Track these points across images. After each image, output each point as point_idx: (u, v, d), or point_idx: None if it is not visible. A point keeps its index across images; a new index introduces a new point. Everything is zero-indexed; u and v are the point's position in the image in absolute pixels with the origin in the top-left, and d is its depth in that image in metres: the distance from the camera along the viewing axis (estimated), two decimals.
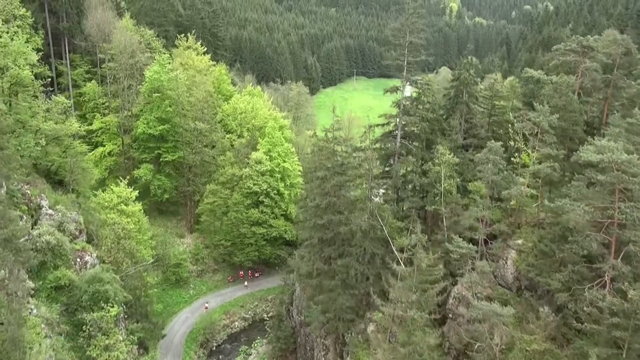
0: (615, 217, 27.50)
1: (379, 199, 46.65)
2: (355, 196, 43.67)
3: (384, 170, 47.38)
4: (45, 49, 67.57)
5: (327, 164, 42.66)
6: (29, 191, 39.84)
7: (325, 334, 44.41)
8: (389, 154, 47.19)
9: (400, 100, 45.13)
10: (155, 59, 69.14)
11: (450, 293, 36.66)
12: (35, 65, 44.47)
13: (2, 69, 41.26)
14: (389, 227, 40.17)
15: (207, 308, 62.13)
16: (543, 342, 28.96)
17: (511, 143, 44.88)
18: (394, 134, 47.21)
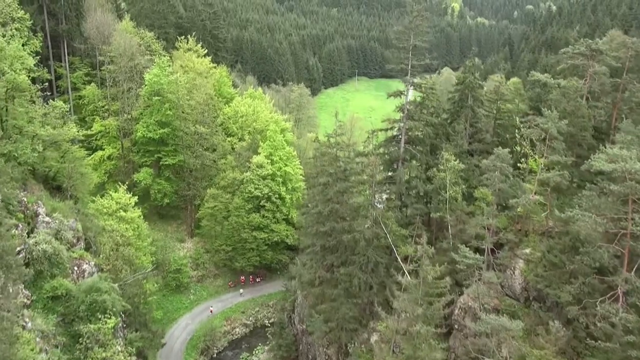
0: (629, 229, 26.58)
1: (381, 205, 45.78)
2: (358, 203, 42.80)
3: (387, 176, 46.47)
4: (44, 52, 66.96)
5: (330, 170, 41.82)
6: (25, 198, 38.99)
7: (327, 344, 43.56)
8: (393, 159, 46.28)
9: (404, 105, 44.20)
10: (155, 61, 68.31)
11: (456, 303, 35.74)
12: (32, 69, 43.56)
13: None
14: (393, 235, 39.29)
15: (212, 311, 61.47)
16: (553, 358, 28.04)
17: (517, 148, 43.98)
18: (398, 138, 46.31)
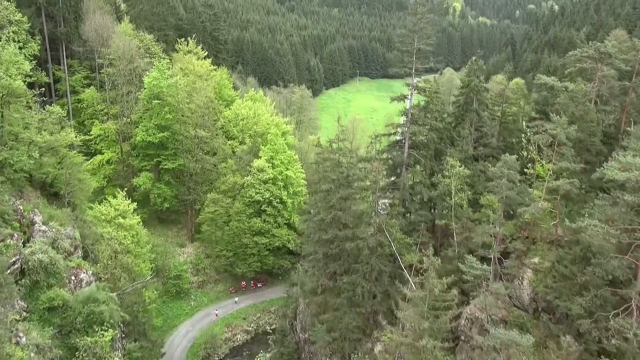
0: None
1: (384, 211, 44.85)
2: (361, 210, 41.91)
3: (391, 181, 45.54)
4: (43, 55, 66.18)
5: (332, 176, 40.94)
6: (21, 207, 38.18)
7: (330, 353, 42.65)
8: (396, 165, 45.36)
9: (408, 109, 43.29)
10: (154, 64, 67.46)
11: (463, 314, 34.80)
12: (29, 74, 42.66)
13: None
14: (397, 243, 38.37)
15: (217, 315, 60.97)
16: None
17: (524, 153, 43.02)
18: (401, 143, 45.40)
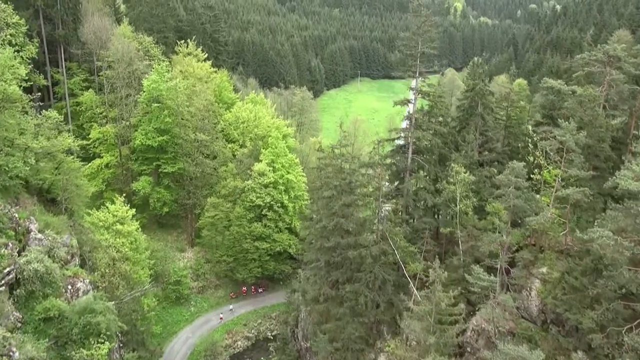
0: None
1: (385, 213, 43.81)
2: (364, 216, 41.03)
3: (394, 187, 44.61)
4: (41, 58, 65.46)
5: (335, 182, 40.07)
6: (16, 214, 37.35)
7: None
8: (400, 170, 44.43)
9: (412, 114, 42.37)
10: (153, 67, 66.60)
11: (469, 325, 33.92)
12: (24, 79, 41.83)
13: None
14: (401, 252, 37.47)
15: (222, 319, 60.32)
16: None
17: (530, 158, 42.11)
18: (405, 148, 44.47)
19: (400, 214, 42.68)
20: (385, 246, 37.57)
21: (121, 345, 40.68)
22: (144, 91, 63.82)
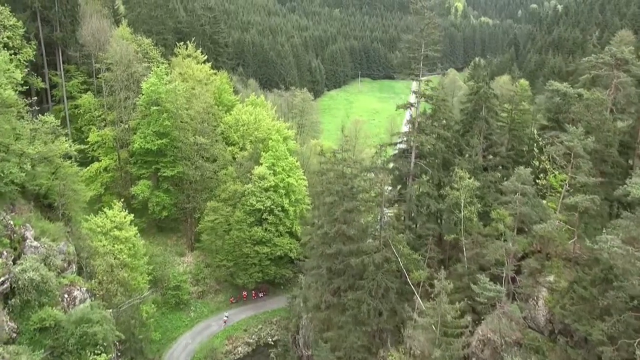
0: None
1: (387, 218, 42.97)
2: (367, 222, 40.26)
3: (398, 192, 43.82)
4: (39, 60, 64.83)
5: (336, 188, 39.31)
6: (12, 221, 36.62)
7: None
8: (403, 175, 43.64)
9: (415, 118, 41.59)
10: (152, 69, 65.86)
11: (475, 334, 33.11)
12: (20, 83, 41.15)
13: None
14: (404, 259, 36.70)
15: (226, 321, 59.82)
16: None
17: (535, 163, 41.35)
18: (407, 153, 43.67)
19: (403, 219, 41.90)
20: (388, 253, 36.80)
21: (119, 354, 39.97)
22: (143, 94, 63.09)
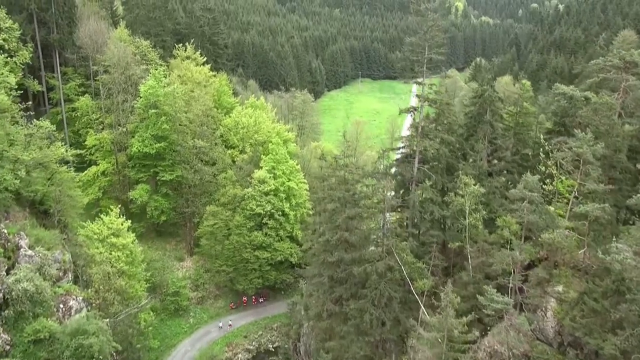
0: None
1: (390, 229, 42.06)
2: (369, 229, 39.34)
3: (400, 198, 42.87)
4: (35, 62, 64.01)
5: (338, 194, 38.40)
6: (5, 230, 35.70)
7: None
8: (406, 181, 42.71)
9: (418, 123, 40.68)
10: (151, 71, 64.93)
11: (480, 346, 32.21)
12: (14, 87, 40.28)
13: None
14: (408, 268, 35.78)
15: (231, 325, 59.38)
16: None
17: (542, 168, 40.39)
18: (410, 157, 42.74)
19: (406, 226, 40.97)
20: (391, 261, 35.89)
21: None
22: (141, 97, 62.18)
